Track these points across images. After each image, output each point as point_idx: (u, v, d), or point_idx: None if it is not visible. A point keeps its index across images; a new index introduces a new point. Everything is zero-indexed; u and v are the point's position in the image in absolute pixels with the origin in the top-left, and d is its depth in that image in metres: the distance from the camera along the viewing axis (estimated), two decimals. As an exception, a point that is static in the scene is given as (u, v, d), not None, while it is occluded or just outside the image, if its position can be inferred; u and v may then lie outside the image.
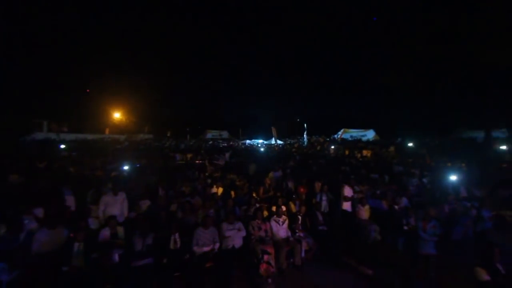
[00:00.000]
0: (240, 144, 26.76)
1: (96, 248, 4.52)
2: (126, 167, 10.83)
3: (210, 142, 28.28)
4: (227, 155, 15.02)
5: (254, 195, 7.42)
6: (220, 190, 8.28)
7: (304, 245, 5.80)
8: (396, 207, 6.89)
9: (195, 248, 4.94)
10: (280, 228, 5.77)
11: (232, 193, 7.66)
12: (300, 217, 6.11)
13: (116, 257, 4.46)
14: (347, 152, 21.52)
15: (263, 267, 5.14)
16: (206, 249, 4.96)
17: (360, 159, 18.91)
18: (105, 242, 4.75)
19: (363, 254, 6.15)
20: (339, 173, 10.89)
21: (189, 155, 15.85)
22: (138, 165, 12.35)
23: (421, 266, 5.10)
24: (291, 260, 5.62)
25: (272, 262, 5.24)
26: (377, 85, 21.62)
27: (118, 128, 30.92)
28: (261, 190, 7.40)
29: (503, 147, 20.77)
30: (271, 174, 9.12)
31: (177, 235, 4.89)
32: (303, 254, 5.74)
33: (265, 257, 5.20)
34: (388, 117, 28.84)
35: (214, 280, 4.75)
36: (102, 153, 16.84)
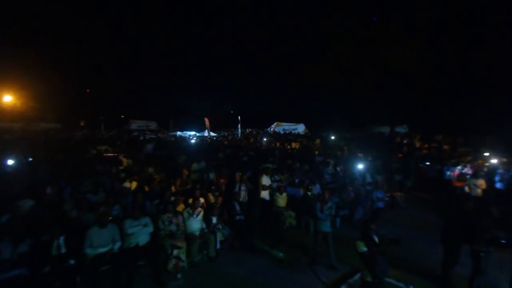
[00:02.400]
0: (169, 136, 25.38)
1: None
2: (10, 162, 8.94)
3: (135, 133, 25.98)
4: (150, 147, 13.99)
5: (173, 188, 7.11)
6: (134, 184, 7.65)
7: (220, 236, 5.83)
8: (309, 193, 7.54)
9: (88, 251, 4.38)
10: (194, 221, 5.64)
11: (147, 187, 7.13)
12: (217, 208, 6.08)
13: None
14: (278, 144, 22.70)
15: (172, 263, 4.94)
16: (101, 250, 4.45)
17: (289, 151, 20.21)
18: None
19: (277, 239, 6.58)
20: (263, 163, 11.40)
21: (103, 147, 14.12)
22: (30, 159, 10.35)
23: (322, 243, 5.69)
24: (205, 252, 5.58)
25: (183, 257, 5.09)
26: (307, 82, 23.35)
27: (10, 115, 25.25)
28: (178, 183, 7.10)
29: (404, 141, 25.23)
30: (194, 166, 8.88)
31: (61, 238, 4.23)
32: (218, 246, 5.76)
33: (175, 252, 5.01)
34: (317, 113, 31.49)
35: (110, 284, 4.32)
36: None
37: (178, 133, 27.67)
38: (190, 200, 6.01)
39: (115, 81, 33.40)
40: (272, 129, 32.53)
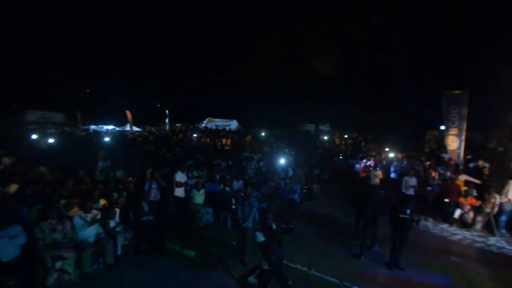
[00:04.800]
0: (80, 130, 22.12)
1: None
2: None
3: (33, 126, 21.73)
4: (44, 142, 11.84)
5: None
6: (14, 187, 6.32)
7: (121, 240, 5.29)
8: (227, 188, 7.57)
9: None
10: (87, 226, 4.95)
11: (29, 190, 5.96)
12: (118, 210, 5.49)
13: None
14: (208, 141, 22.35)
15: (53, 277, 4.23)
16: None
17: (219, 147, 20.11)
18: None
19: (191, 238, 6.38)
20: (190, 160, 11.00)
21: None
22: None
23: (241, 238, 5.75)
24: (101, 260, 4.98)
25: (69, 268, 4.42)
26: (239, 79, 23.56)
27: None
28: (70, 183, 6.16)
29: (326, 137, 28.03)
30: (99, 164, 7.87)
31: None
32: (119, 251, 5.22)
33: (58, 264, 4.30)
34: (250, 109, 32.14)
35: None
36: None
37: (93, 127, 24.39)
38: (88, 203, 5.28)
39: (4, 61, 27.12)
40: (204, 125, 31.91)
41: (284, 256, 3.87)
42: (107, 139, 15.87)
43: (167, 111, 26.41)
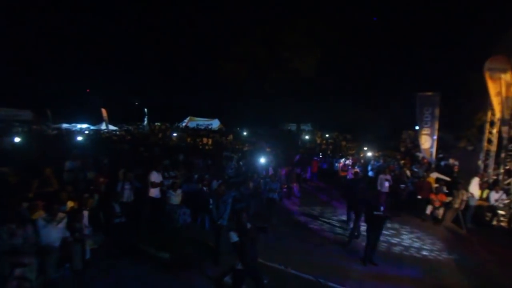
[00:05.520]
0: (50, 128, 20.95)
1: None
2: None
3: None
4: (8, 141, 11.10)
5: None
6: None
7: (90, 244, 5.06)
8: (205, 188, 7.46)
9: None
10: (53, 229, 4.69)
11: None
12: (87, 212, 5.25)
13: None
14: (188, 140, 22.05)
15: (12, 285, 3.96)
16: None
17: (200, 147, 19.87)
18: None
19: (166, 239, 6.23)
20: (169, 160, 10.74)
21: None
22: None
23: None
24: (68, 265, 4.73)
25: (31, 275, 4.16)
26: (221, 77, 23.31)
27: None
28: (35, 184, 5.82)
29: (307, 137, 28.45)
30: (67, 164, 7.49)
31: None
32: (88, 255, 4.99)
33: (17, 271, 4.04)
34: (232, 108, 31.93)
35: None
36: None
37: (65, 125, 23.23)
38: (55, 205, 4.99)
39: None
40: (184, 124, 31.37)
41: (260, 255, 3.85)
42: (79, 138, 15.17)
43: (145, 110, 25.69)
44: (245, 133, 25.02)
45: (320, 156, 15.95)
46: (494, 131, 9.81)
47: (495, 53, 8.88)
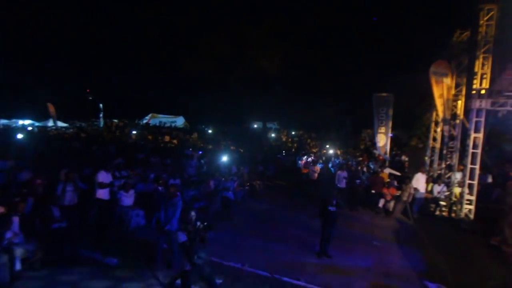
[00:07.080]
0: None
1: None
2: None
3: None
4: None
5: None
6: None
7: (21, 253, 4.55)
8: (160, 188, 7.16)
9: None
10: (-28, 238, 4.14)
11: None
12: (17, 218, 4.71)
13: None
14: (150, 138, 21.16)
15: None
16: None
17: (162, 145, 19.16)
18: None
19: (115, 243, 5.85)
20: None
21: None
22: None
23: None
24: (-7, 278, 4.21)
25: None
26: (185, 74, 22.62)
27: None
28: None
29: (273, 135, 28.92)
30: (-1, 164, 6.69)
31: None
32: (18, 267, 4.48)
33: None
34: (197, 106, 31.28)
35: None
36: None
37: (3, 121, 20.81)
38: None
39: None
40: (146, 121, 29.99)
41: (216, 254, 3.77)
42: (20, 135, 13.66)
43: (101, 105, 23.99)
44: (210, 131, 24.62)
45: (283, 154, 16.27)
46: (438, 129, 10.85)
47: (439, 58, 9.79)
